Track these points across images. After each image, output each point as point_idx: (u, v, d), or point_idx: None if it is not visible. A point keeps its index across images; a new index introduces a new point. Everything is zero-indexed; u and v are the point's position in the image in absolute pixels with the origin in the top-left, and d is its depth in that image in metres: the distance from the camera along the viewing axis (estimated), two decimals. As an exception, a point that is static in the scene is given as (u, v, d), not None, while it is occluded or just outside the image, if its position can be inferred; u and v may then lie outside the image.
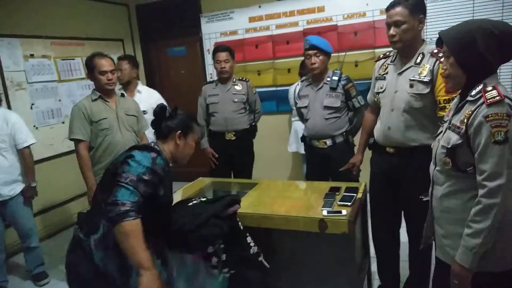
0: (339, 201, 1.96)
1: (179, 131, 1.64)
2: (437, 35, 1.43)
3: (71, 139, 2.54)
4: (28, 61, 3.71)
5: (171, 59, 5.12)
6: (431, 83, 1.89)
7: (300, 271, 1.95)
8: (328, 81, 2.69)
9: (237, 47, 4.31)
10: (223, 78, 3.26)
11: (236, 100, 3.26)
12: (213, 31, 4.65)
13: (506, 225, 1.28)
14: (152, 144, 1.61)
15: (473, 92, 1.31)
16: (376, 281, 2.50)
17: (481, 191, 1.26)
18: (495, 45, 1.26)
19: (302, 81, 2.93)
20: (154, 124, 1.67)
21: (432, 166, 1.50)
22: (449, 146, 1.34)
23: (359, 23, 3.98)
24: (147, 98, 3.41)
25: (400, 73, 2.01)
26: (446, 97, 1.85)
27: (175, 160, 1.68)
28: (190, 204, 1.81)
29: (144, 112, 3.24)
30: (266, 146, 4.06)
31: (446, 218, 1.41)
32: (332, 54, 2.78)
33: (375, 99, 2.19)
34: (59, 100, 3.98)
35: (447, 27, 1.40)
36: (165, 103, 3.32)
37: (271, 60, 4.42)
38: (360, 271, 2.07)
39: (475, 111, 1.27)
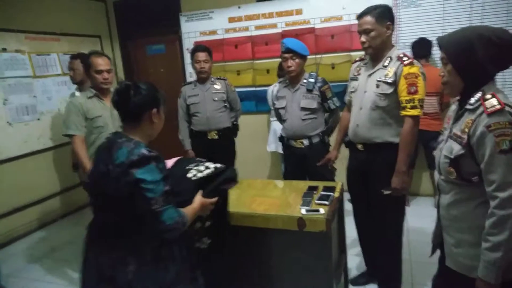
0: (317, 200, 2.02)
1: (154, 109, 1.47)
2: (410, 40, 1.50)
3: (66, 135, 2.54)
4: (0, 55, 3.60)
5: (150, 57, 5.07)
6: (395, 84, 2.08)
7: (279, 268, 2.00)
8: (304, 83, 2.76)
9: (216, 46, 4.33)
10: (202, 78, 3.29)
11: (216, 98, 3.30)
12: (192, 30, 4.65)
13: None
14: (129, 144, 1.39)
15: (472, 100, 1.29)
16: (352, 277, 2.58)
17: (493, 203, 1.23)
18: (494, 53, 1.25)
19: (279, 83, 2.98)
20: (121, 106, 1.45)
21: (436, 175, 1.49)
22: (452, 157, 1.33)
23: (336, 26, 4.08)
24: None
25: (370, 75, 2.19)
26: (408, 98, 2.05)
27: (150, 141, 1.53)
28: (190, 176, 1.65)
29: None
30: (245, 146, 4.09)
31: (455, 227, 1.40)
32: (310, 56, 2.85)
33: (349, 98, 2.38)
34: (34, 96, 3.88)
35: (418, 33, 1.45)
36: None
37: (250, 61, 4.45)
38: (337, 267, 2.14)
39: (476, 121, 1.25)
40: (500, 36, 1.25)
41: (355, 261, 2.83)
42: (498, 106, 1.21)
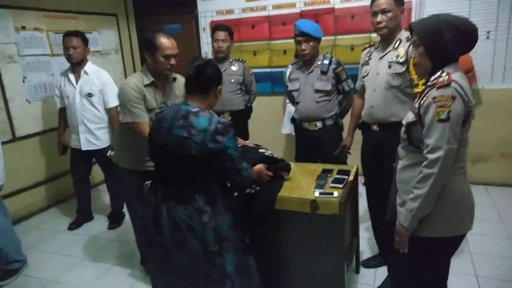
0: (331, 183, 2.01)
1: (220, 85, 1.77)
2: None
3: (133, 123, 2.21)
4: (19, 33, 3.63)
5: (166, 36, 5.04)
6: (406, 63, 2.14)
7: (291, 250, 2.00)
8: (319, 64, 2.71)
9: (233, 26, 4.20)
10: (219, 58, 3.23)
11: (232, 80, 3.26)
12: (209, 9, 4.58)
13: (446, 199, 1.47)
14: (204, 113, 1.63)
15: (432, 78, 1.48)
16: (363, 260, 2.58)
17: (424, 163, 1.44)
18: (458, 38, 1.42)
19: (293, 64, 2.93)
20: (199, 78, 1.68)
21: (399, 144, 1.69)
22: (405, 123, 1.54)
23: (357, 6, 3.95)
24: (95, 81, 3.22)
25: (381, 57, 2.26)
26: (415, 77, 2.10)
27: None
28: (261, 151, 2.20)
29: (89, 95, 3.19)
30: (260, 127, 4.07)
31: (403, 189, 1.58)
32: (329, 38, 2.78)
33: (361, 83, 2.44)
34: (52, 75, 3.92)
35: (442, 11, 1.52)
36: (113, 84, 3.27)
37: (267, 41, 4.38)
38: (349, 250, 2.14)
39: (428, 93, 1.44)
40: (465, 24, 1.44)
41: (367, 244, 2.82)
42: (446, 82, 1.39)
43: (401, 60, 2.15)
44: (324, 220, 1.86)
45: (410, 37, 2.07)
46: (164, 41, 2.18)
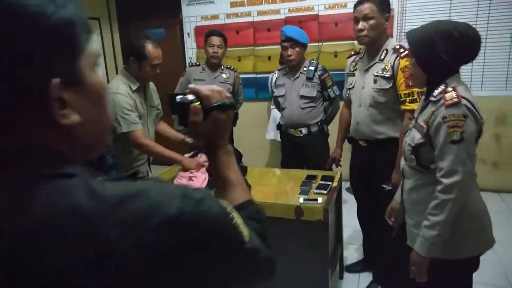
0: (315, 189, 2.01)
1: None
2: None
3: (128, 132, 2.12)
4: None
5: (150, 41, 5.00)
6: (393, 78, 2.00)
7: (275, 256, 1.99)
8: (304, 71, 2.72)
9: (218, 32, 4.27)
10: (213, 64, 3.16)
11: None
12: (193, 14, 4.57)
13: (466, 218, 1.38)
14: None
15: (435, 93, 1.37)
16: (347, 266, 2.59)
17: (438, 187, 1.34)
18: (454, 47, 1.32)
19: (279, 70, 2.94)
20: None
21: (402, 161, 1.58)
22: (413, 145, 1.42)
23: (340, 14, 4.01)
24: None
25: (366, 70, 2.12)
26: (406, 91, 1.98)
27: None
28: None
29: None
30: (244, 133, 4.07)
31: (415, 210, 1.50)
32: (313, 44, 2.80)
33: (347, 95, 2.31)
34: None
35: (424, 22, 1.48)
36: None
37: (251, 47, 4.39)
38: (333, 256, 2.14)
39: (436, 112, 1.34)
40: (461, 31, 1.32)
41: (350, 250, 2.83)
42: (456, 100, 1.29)
43: (387, 75, 2.01)
44: (309, 226, 1.86)
45: (397, 47, 2.02)
46: (153, 50, 2.15)
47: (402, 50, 2.00)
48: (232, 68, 3.35)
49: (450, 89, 1.33)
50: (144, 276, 0.45)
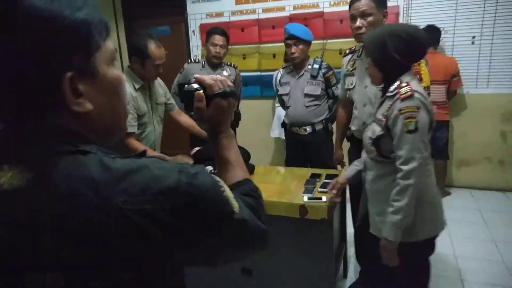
0: (320, 187, 2.01)
1: None
2: (421, 27, 1.54)
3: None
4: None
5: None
6: None
7: (280, 255, 2.00)
8: (309, 69, 2.72)
9: (222, 29, 4.27)
10: (213, 63, 3.11)
11: None
12: (198, 11, 4.57)
13: (425, 202, 1.52)
14: None
15: (391, 88, 1.51)
16: (351, 265, 2.59)
17: (398, 174, 1.47)
18: (403, 47, 1.45)
19: (283, 68, 2.93)
20: None
21: (364, 154, 1.72)
22: (374, 137, 1.55)
23: (345, 10, 3.94)
24: None
25: (367, 68, 2.03)
26: None
27: None
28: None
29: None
30: (249, 131, 4.07)
31: (377, 199, 1.63)
32: (318, 41, 2.79)
33: (347, 95, 2.25)
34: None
35: (430, 19, 1.54)
36: None
37: (256, 44, 4.38)
38: (337, 255, 2.15)
39: (392, 105, 1.47)
40: (409, 33, 1.45)
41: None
42: (410, 93, 1.43)
43: None
44: (313, 224, 1.86)
45: None
46: (156, 50, 2.14)
47: None
48: (233, 65, 3.30)
49: (404, 84, 1.46)
50: (145, 240, 0.53)
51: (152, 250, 0.54)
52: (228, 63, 3.28)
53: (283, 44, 2.81)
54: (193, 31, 4.64)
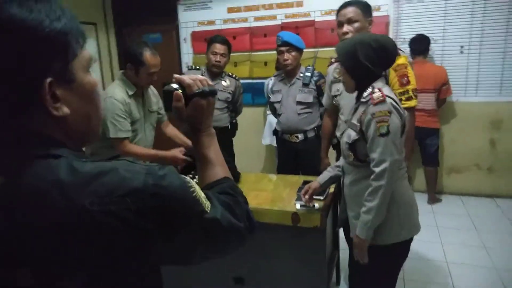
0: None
1: None
2: (410, 36, 1.57)
3: (114, 138, 2.15)
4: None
5: (146, 46, 4.99)
6: (385, 78, 1.96)
7: (272, 263, 1.99)
8: (300, 76, 2.73)
9: (214, 37, 4.28)
10: (213, 73, 2.99)
11: (221, 98, 2.99)
12: (190, 19, 4.58)
13: (400, 205, 1.57)
14: None
15: (364, 95, 1.56)
16: (343, 273, 2.58)
17: (372, 176, 1.52)
18: (372, 55, 1.50)
19: (275, 76, 2.94)
20: None
21: (342, 160, 1.76)
22: (350, 142, 1.59)
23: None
24: None
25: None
26: (401, 90, 2.00)
27: None
28: None
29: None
30: (240, 138, 4.05)
31: (354, 202, 1.66)
32: (309, 50, 2.82)
33: (333, 102, 2.27)
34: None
35: (419, 29, 1.57)
36: None
37: (248, 52, 4.40)
38: (330, 262, 2.14)
39: (366, 110, 1.52)
40: (378, 41, 1.50)
41: (347, 256, 2.82)
42: (381, 98, 1.48)
43: None
44: (306, 232, 1.85)
45: None
46: (151, 58, 2.15)
47: None
48: (234, 76, 3.17)
49: (376, 90, 1.51)
50: (110, 240, 0.54)
51: (120, 250, 0.56)
52: (229, 73, 3.17)
53: (274, 52, 2.83)
54: (185, 39, 4.64)
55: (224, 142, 3.14)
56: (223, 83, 3.05)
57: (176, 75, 0.84)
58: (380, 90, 1.51)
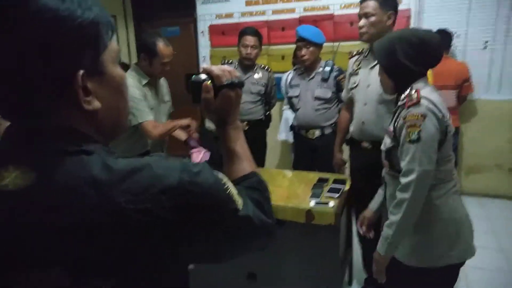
0: (327, 192, 1.99)
1: None
2: (433, 30, 1.47)
3: (141, 123, 2.16)
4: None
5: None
6: None
7: (286, 259, 1.98)
8: (320, 71, 2.69)
9: (232, 30, 4.26)
10: (245, 65, 3.00)
11: (253, 91, 3.02)
12: (208, 12, 4.57)
13: (448, 224, 1.38)
14: None
15: (402, 97, 1.42)
16: (356, 272, 2.56)
17: (398, 186, 1.37)
18: (413, 53, 1.36)
19: (294, 70, 2.92)
20: None
21: (384, 169, 1.58)
22: (385, 149, 1.47)
23: (355, 13, 3.91)
24: None
25: (372, 67, 2.06)
26: None
27: None
28: None
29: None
30: (256, 133, 4.06)
31: None
32: (328, 44, 2.77)
33: (350, 95, 2.24)
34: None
35: (442, 23, 1.47)
36: None
37: (265, 46, 4.35)
38: (343, 262, 2.12)
39: (400, 114, 1.39)
40: (420, 37, 1.36)
41: (360, 255, 2.80)
42: (415, 100, 1.33)
43: None
44: (319, 230, 1.84)
45: None
46: (164, 48, 2.19)
47: None
48: (266, 68, 3.17)
49: (413, 91, 1.36)
50: (148, 239, 0.53)
51: (155, 248, 0.55)
52: (262, 65, 3.16)
53: (292, 46, 2.79)
54: (202, 32, 4.63)
55: (258, 134, 3.17)
56: (256, 76, 3.04)
57: (205, 66, 0.81)
58: (417, 91, 1.35)
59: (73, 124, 0.57)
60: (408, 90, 1.39)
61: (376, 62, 2.04)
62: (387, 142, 1.46)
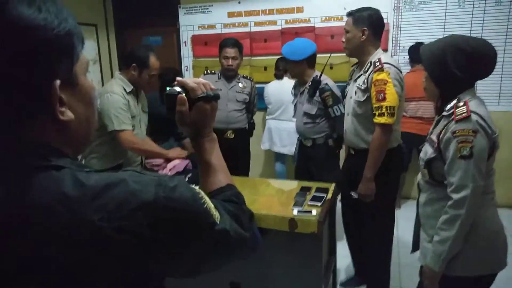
0: (310, 201, 2.00)
1: None
2: (410, 44, 1.51)
3: (118, 130, 2.20)
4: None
5: (146, 48, 5.00)
6: (367, 91, 2.04)
7: (268, 268, 1.97)
8: (308, 86, 2.70)
9: (214, 41, 4.27)
10: (228, 76, 3.10)
11: (239, 99, 3.15)
12: (191, 23, 4.59)
13: (482, 234, 1.37)
14: None
15: (448, 107, 1.37)
16: (339, 279, 2.57)
17: (448, 202, 1.34)
18: (465, 62, 1.31)
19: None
20: None
21: (419, 175, 1.56)
22: (425, 159, 1.43)
23: (336, 26, 4.04)
24: None
25: (355, 80, 2.17)
26: (376, 105, 2.01)
27: None
28: None
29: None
30: (239, 143, 4.06)
31: (429, 224, 1.48)
32: (320, 55, 2.83)
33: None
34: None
35: (419, 37, 1.49)
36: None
37: (248, 57, 4.40)
38: (326, 269, 2.13)
39: (447, 126, 1.34)
40: (473, 46, 1.30)
41: (344, 263, 2.81)
42: (465, 114, 1.28)
43: (363, 87, 2.05)
44: (302, 238, 1.85)
45: (375, 61, 2.02)
46: (154, 62, 2.31)
47: (378, 64, 2.01)
48: (248, 77, 3.27)
49: (461, 103, 1.31)
50: (124, 256, 0.52)
51: (130, 264, 0.53)
52: (244, 75, 3.27)
53: (274, 57, 2.84)
54: (185, 42, 4.65)
55: (242, 142, 3.28)
56: (240, 85, 3.14)
57: (179, 78, 0.80)
58: (466, 103, 1.29)
59: (45, 136, 0.55)
60: (455, 101, 1.34)
61: (357, 75, 2.14)
62: (428, 151, 1.42)
